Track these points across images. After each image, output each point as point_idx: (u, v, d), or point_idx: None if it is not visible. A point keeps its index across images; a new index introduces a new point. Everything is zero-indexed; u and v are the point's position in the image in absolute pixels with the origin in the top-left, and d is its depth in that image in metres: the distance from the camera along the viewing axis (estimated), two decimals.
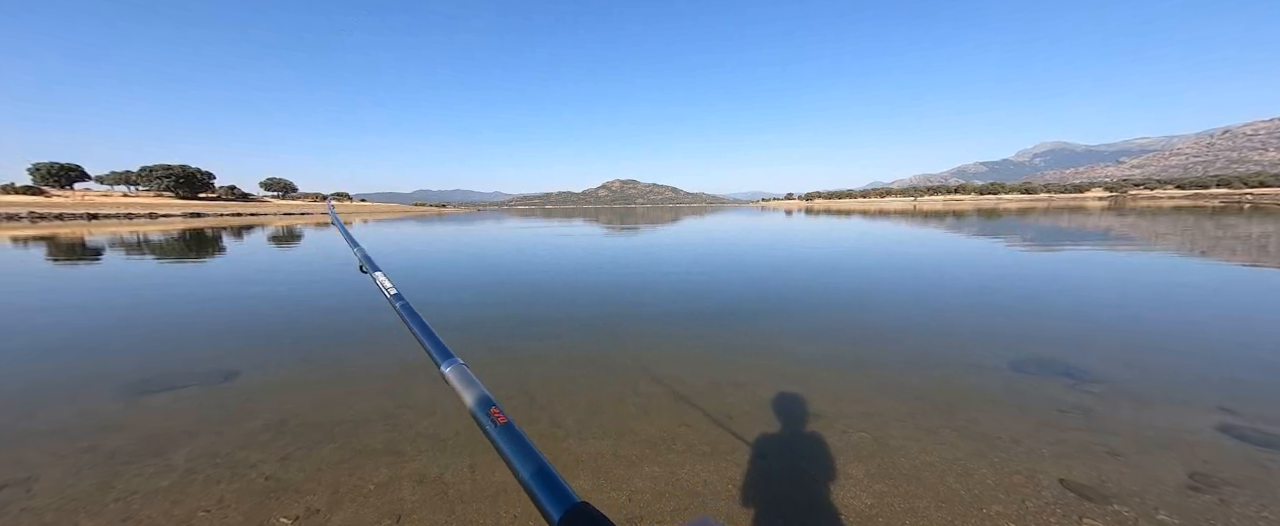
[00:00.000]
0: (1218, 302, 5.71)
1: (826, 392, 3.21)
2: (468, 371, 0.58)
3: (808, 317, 5.38)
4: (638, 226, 26.21)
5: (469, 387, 0.54)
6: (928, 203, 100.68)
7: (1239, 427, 2.66)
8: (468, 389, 0.54)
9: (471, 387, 0.54)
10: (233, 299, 6.86)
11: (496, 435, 0.47)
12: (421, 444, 2.63)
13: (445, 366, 0.60)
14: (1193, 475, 2.23)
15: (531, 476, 0.41)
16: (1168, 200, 73.48)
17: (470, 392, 0.54)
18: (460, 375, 0.57)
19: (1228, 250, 10.48)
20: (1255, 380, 3.34)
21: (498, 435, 0.46)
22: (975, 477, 2.24)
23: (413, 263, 11.00)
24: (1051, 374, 3.50)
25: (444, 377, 0.59)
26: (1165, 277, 7.40)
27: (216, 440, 2.71)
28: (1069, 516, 1.98)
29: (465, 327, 5.21)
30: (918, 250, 11.74)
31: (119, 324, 5.49)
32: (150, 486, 2.28)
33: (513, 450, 0.44)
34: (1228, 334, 4.43)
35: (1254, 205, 40.15)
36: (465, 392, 0.54)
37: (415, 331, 0.69)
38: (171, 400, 3.32)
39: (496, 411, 0.49)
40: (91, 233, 22.43)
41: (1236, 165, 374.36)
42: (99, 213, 48.88)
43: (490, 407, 0.50)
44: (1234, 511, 1.98)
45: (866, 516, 2.00)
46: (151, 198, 76.50)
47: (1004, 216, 29.13)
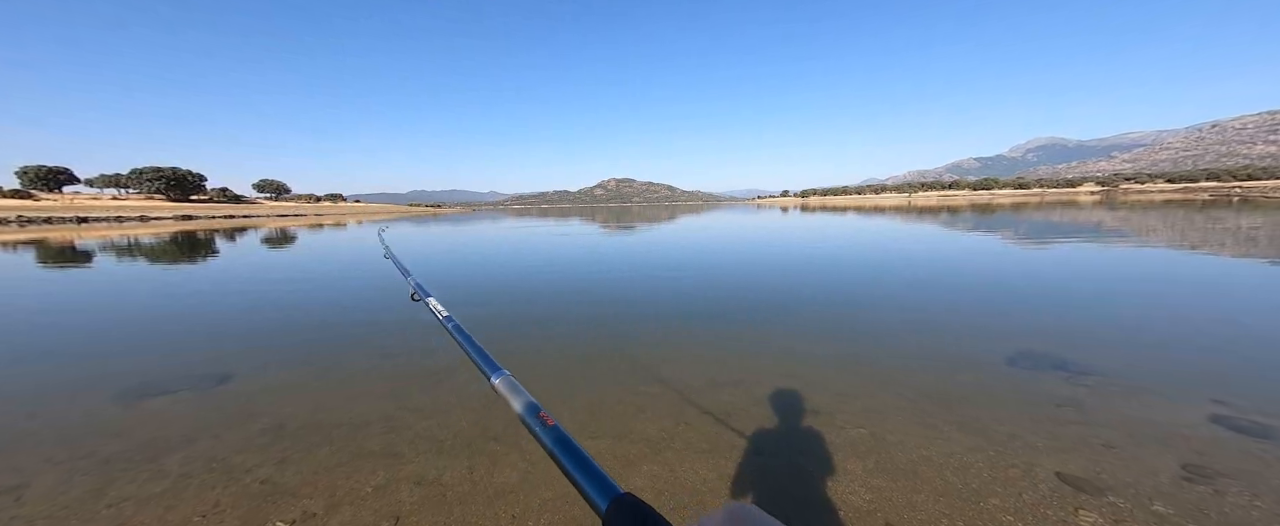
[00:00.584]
0: (1208, 295, 5.77)
1: (824, 389, 3.22)
2: (515, 381, 0.63)
3: (804, 314, 5.39)
4: (634, 225, 26.19)
5: (517, 396, 0.59)
6: (922, 199, 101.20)
7: (1231, 418, 2.69)
8: (516, 397, 0.59)
9: (519, 395, 0.59)
10: (228, 301, 6.80)
11: (545, 436, 0.52)
12: (419, 446, 2.62)
13: (495, 378, 0.65)
14: (1186, 466, 2.26)
15: (579, 472, 0.46)
16: (1158, 194, 74.21)
17: (518, 400, 0.59)
18: (509, 385, 0.62)
19: (1218, 243, 10.59)
20: (1246, 371, 3.38)
21: (546, 436, 0.52)
22: (972, 471, 2.26)
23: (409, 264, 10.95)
24: (1046, 368, 3.53)
25: (494, 388, 0.64)
26: (1157, 271, 7.47)
27: (213, 444, 2.69)
28: (1066, 508, 1.99)
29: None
30: (913, 247, 11.80)
31: (113, 327, 5.43)
32: (144, 492, 2.26)
33: (561, 449, 0.49)
34: (1219, 326, 4.47)
35: (1242, 198, 40.61)
36: (514, 400, 0.59)
37: (466, 349, 0.76)
38: (166, 404, 3.28)
39: (545, 415, 0.54)
40: (82, 236, 22.18)
41: (1225, 158, 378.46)
42: (89, 216, 48.28)
43: (538, 412, 0.55)
44: (1227, 501, 2.01)
45: (865, 511, 2.01)
46: (142, 200, 75.68)
47: (998, 212, 29.31)
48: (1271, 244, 10.17)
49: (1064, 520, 1.93)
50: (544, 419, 0.53)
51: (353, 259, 11.96)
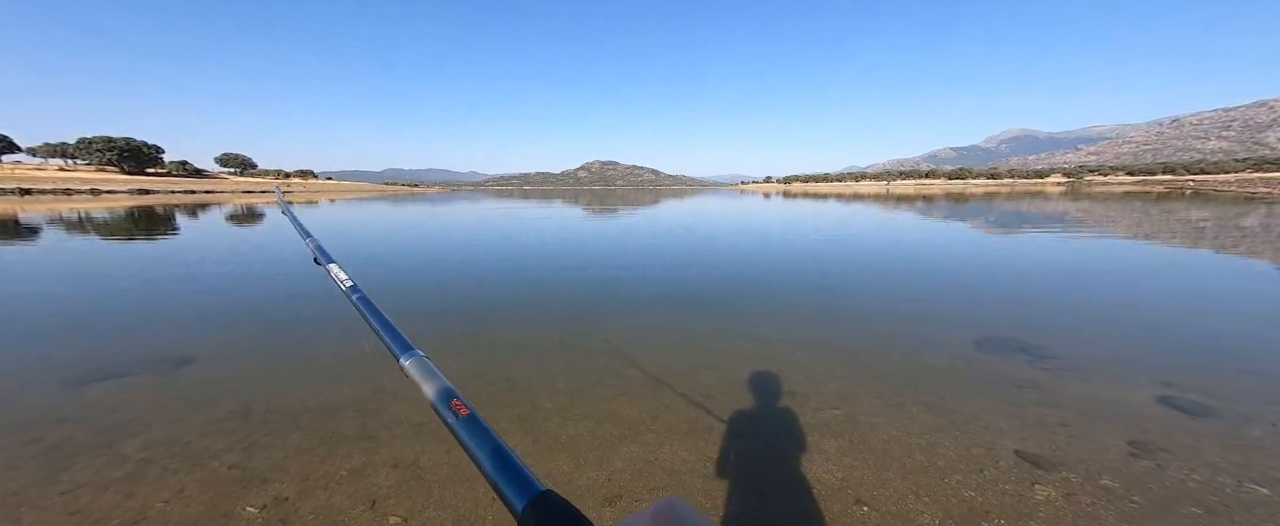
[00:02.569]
0: (1160, 283, 6.11)
1: (800, 372, 3.29)
2: (428, 363, 0.56)
3: (782, 300, 5.48)
4: (617, 208, 26.00)
5: (430, 379, 0.53)
6: (899, 187, 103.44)
7: (1175, 398, 2.87)
8: (428, 381, 0.53)
9: (433, 379, 0.53)
10: (189, 282, 6.49)
11: (459, 427, 0.46)
12: (396, 430, 2.57)
13: (405, 359, 0.58)
14: (1132, 443, 2.41)
15: (494, 467, 0.41)
16: (1119, 186, 77.69)
17: (431, 384, 0.52)
18: (421, 367, 0.56)
19: (1169, 233, 11.19)
20: (1191, 354, 3.60)
21: (460, 427, 0.46)
22: (939, 450, 2.36)
23: (382, 248, 10.64)
24: (1010, 351, 3.69)
25: (403, 370, 0.57)
26: (1113, 260, 7.85)
27: (174, 429, 2.58)
28: (1022, 483, 2.11)
29: (440, 313, 5.09)
30: (887, 236, 12.08)
31: (60, 308, 5.12)
32: (102, 478, 2.16)
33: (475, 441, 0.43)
34: (1168, 312, 4.75)
35: (1195, 191, 42.88)
36: (425, 384, 0.53)
37: (372, 324, 0.67)
38: (120, 388, 3.13)
39: (459, 403, 0.48)
40: (25, 210, 20.73)
41: (1182, 153, 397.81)
42: (33, 188, 45.12)
43: (452, 399, 0.49)
44: (1167, 475, 2.15)
45: (838, 489, 2.08)
46: (93, 172, 70.96)
47: (970, 201, 30.22)
48: (1218, 236, 10.80)
49: (1021, 494, 2.04)
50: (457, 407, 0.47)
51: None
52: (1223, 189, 50.34)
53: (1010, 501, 1.99)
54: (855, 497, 2.02)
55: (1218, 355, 3.58)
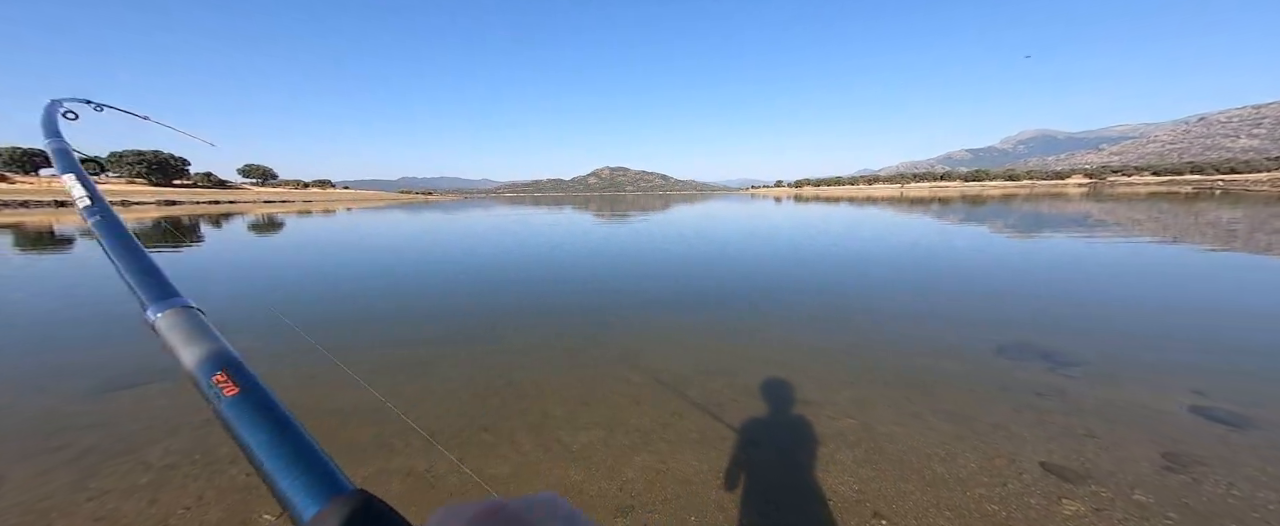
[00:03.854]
0: (1189, 287, 5.88)
1: (814, 380, 3.24)
2: (199, 317, 0.39)
3: (795, 306, 5.41)
4: (628, 214, 26.06)
5: (192, 343, 0.36)
6: (914, 190, 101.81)
7: (1209, 408, 2.75)
8: (189, 344, 0.36)
9: (196, 342, 0.36)
10: (215, 287, 6.66)
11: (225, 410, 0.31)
12: (410, 437, 2.59)
13: (154, 311, 0.39)
14: (1166, 455, 2.30)
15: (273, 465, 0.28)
16: (1144, 186, 75.36)
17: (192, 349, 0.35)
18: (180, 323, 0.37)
19: (1199, 235, 10.79)
20: (1224, 362, 3.45)
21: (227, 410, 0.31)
22: (959, 461, 2.29)
23: (398, 253, 10.80)
24: (1031, 358, 3.58)
25: (152, 327, 0.39)
26: (1140, 263, 7.59)
27: (195, 436, 2.64)
28: (1049, 497, 2.03)
29: (450, 318, 5.14)
30: (902, 238, 11.87)
31: (93, 316, 5.30)
32: (126, 485, 2.21)
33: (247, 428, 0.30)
34: (1199, 317, 4.56)
35: (1224, 191, 41.39)
36: (184, 349, 0.35)
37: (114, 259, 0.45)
38: (145, 395, 3.22)
39: (224, 378, 0.33)
40: (60, 221, 21.57)
41: (1210, 152, 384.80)
42: (66, 200, 46.92)
43: (215, 374, 0.34)
44: (1205, 490, 2.05)
45: (855, 501, 2.03)
46: (123, 184, 73.70)
47: (988, 203, 29.59)
48: (1251, 238, 10.39)
49: (1047, 509, 1.96)
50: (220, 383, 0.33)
51: (342, 243, 11.77)
52: (1254, 189, 48.48)
53: (1036, 516, 1.92)
54: (873, 510, 1.97)
55: (1252, 363, 3.42)
